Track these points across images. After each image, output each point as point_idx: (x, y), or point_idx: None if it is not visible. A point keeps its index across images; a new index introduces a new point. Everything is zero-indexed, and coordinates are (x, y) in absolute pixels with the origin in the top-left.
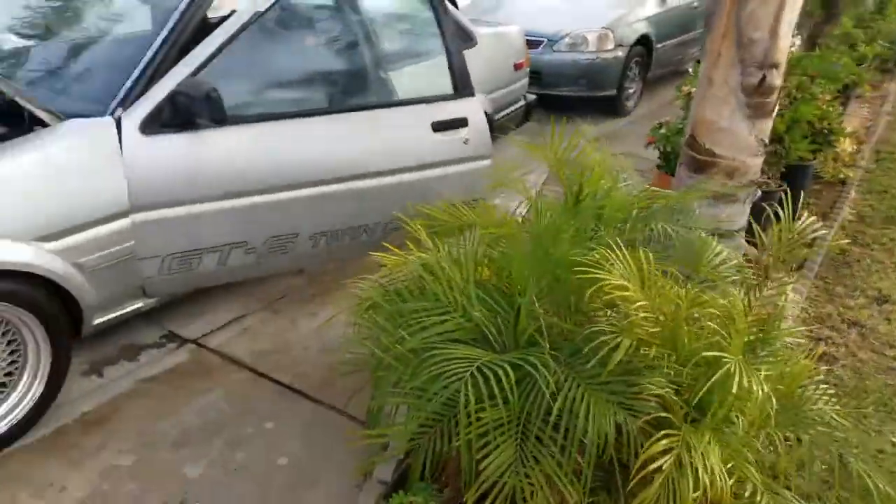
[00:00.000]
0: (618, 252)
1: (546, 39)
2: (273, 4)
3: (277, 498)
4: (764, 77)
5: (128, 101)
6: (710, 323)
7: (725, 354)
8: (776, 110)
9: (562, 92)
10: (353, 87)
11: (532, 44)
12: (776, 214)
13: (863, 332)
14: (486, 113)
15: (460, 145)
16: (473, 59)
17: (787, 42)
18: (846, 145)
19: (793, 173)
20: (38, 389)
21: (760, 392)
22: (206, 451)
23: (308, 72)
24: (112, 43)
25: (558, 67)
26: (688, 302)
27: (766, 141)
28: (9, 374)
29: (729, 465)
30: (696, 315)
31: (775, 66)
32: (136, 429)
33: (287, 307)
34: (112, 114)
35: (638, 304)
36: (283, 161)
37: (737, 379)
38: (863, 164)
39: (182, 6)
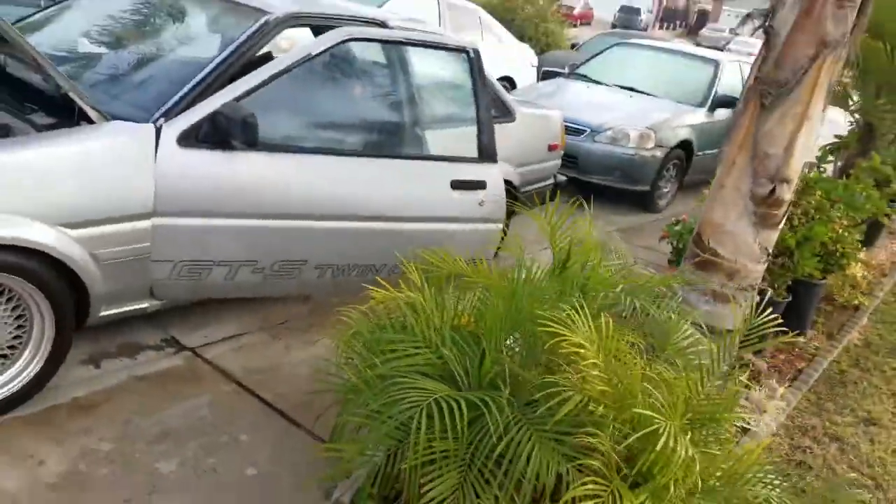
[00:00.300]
0: (581, 316)
1: (589, 129)
2: (323, 52)
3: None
4: (774, 189)
5: (171, 113)
6: (655, 392)
7: (657, 416)
8: (783, 223)
9: (595, 180)
10: (383, 136)
11: (575, 131)
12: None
13: (843, 448)
14: (512, 183)
15: (475, 206)
16: (510, 133)
17: (800, 162)
18: (857, 270)
19: (801, 289)
20: (36, 367)
21: (685, 453)
22: (181, 452)
23: (344, 115)
24: (172, 61)
25: (596, 157)
26: (639, 370)
27: (770, 251)
28: (12, 347)
29: None
30: (647, 385)
31: (786, 181)
32: (121, 420)
33: (285, 333)
34: (154, 122)
35: (591, 361)
36: (303, 192)
37: (664, 440)
38: (880, 295)
39: (240, 39)
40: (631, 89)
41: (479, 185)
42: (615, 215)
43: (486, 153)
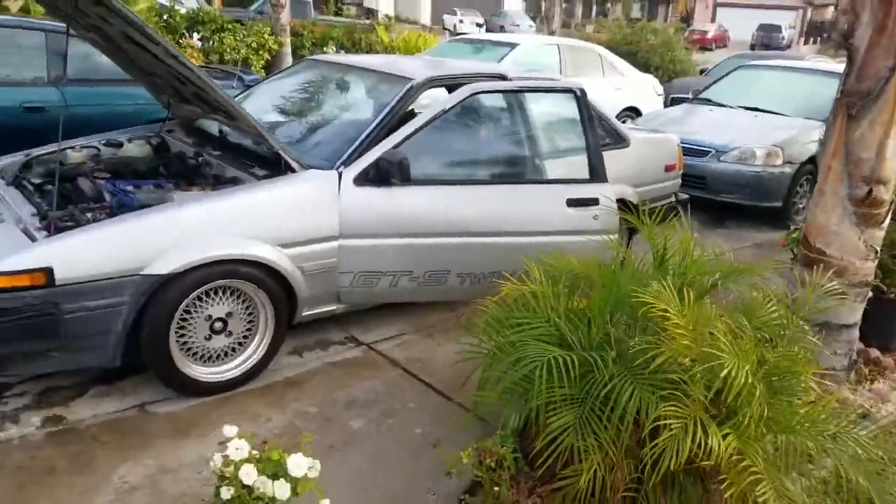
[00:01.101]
0: (667, 290)
1: (714, 150)
2: (455, 105)
3: (411, 451)
4: (871, 191)
5: (348, 162)
6: (722, 338)
7: (729, 356)
8: (887, 221)
9: (725, 198)
10: (508, 166)
11: (700, 153)
12: None
13: None
14: (629, 202)
15: (590, 220)
16: (625, 157)
17: (894, 163)
18: None
19: None
20: (261, 352)
21: (758, 390)
22: (367, 414)
23: (475, 152)
24: (344, 122)
25: (723, 176)
26: (720, 328)
27: (877, 248)
28: (245, 337)
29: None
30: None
31: (882, 182)
32: (321, 392)
33: (436, 333)
34: (337, 169)
35: (674, 321)
36: (446, 215)
37: (735, 374)
38: None
39: (392, 102)
40: (756, 109)
41: (592, 201)
42: (751, 232)
43: (597, 174)
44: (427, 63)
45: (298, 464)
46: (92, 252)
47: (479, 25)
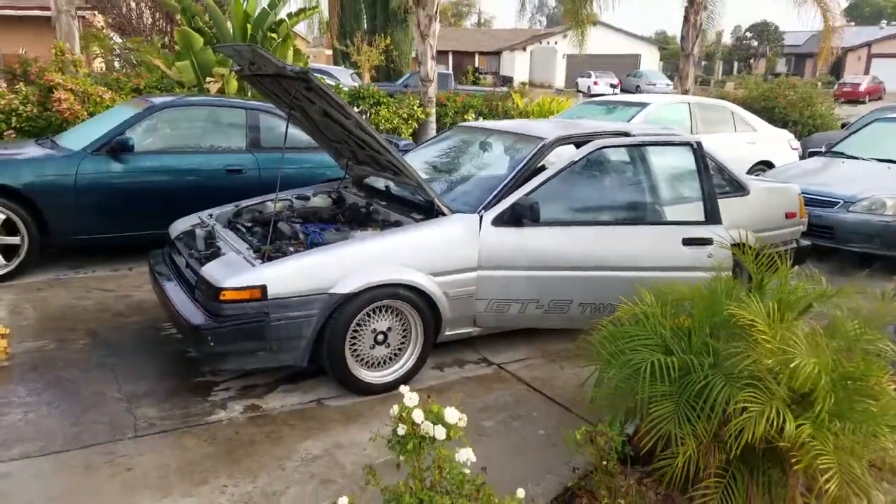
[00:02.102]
0: (754, 304)
1: (843, 200)
2: (581, 158)
3: (534, 447)
4: None
5: (488, 207)
6: (799, 342)
7: (803, 355)
8: None
9: (854, 248)
10: (629, 210)
11: (827, 204)
12: None
13: None
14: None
15: (704, 258)
16: (745, 204)
17: None
18: None
19: None
20: (411, 362)
21: (822, 379)
22: (496, 417)
23: (600, 197)
24: (485, 175)
25: (852, 226)
26: (800, 339)
27: None
28: (400, 348)
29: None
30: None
31: None
32: (459, 399)
33: (559, 359)
34: (478, 213)
35: (759, 328)
36: (570, 251)
37: (809, 370)
38: None
39: (527, 157)
40: (890, 161)
41: (706, 241)
42: (880, 281)
43: (711, 217)
44: (557, 125)
45: (452, 414)
46: (294, 275)
47: (613, 86)
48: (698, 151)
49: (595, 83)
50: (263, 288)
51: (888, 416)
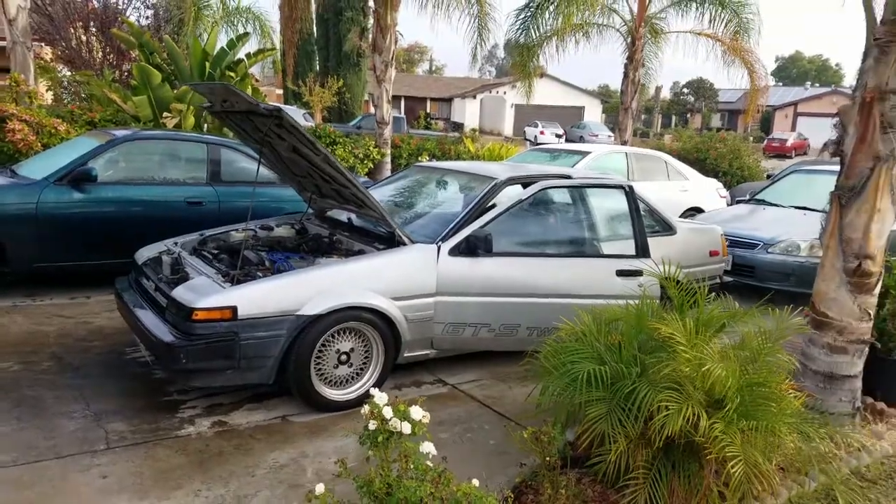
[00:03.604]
0: (674, 322)
1: (762, 242)
2: (528, 197)
3: (485, 454)
4: (860, 264)
5: (445, 238)
6: (711, 351)
7: (714, 362)
8: (877, 289)
9: (773, 286)
10: (569, 244)
11: (749, 245)
12: None
13: None
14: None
15: (635, 287)
16: (672, 243)
17: (880, 242)
18: None
19: None
20: (372, 381)
21: (730, 382)
22: (451, 430)
23: (544, 232)
24: (442, 211)
25: (770, 266)
26: (713, 350)
27: (871, 312)
28: (361, 368)
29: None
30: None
31: (869, 257)
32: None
33: (508, 379)
34: (436, 243)
35: (677, 340)
36: (519, 279)
37: (719, 372)
38: None
39: (479, 195)
40: (805, 208)
41: (637, 272)
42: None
43: (642, 252)
44: (507, 167)
45: (416, 412)
46: (263, 297)
47: (558, 136)
48: (630, 194)
49: (541, 132)
50: (234, 308)
51: (785, 415)
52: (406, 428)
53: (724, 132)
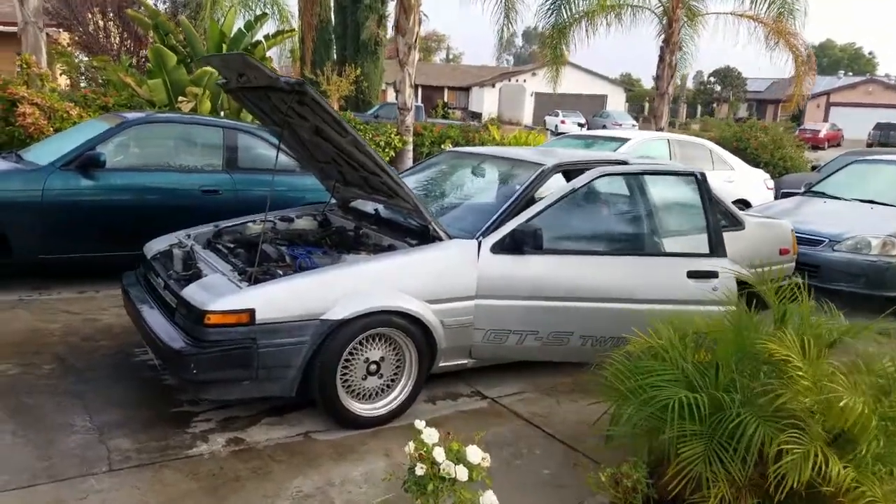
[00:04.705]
0: (788, 338)
1: (827, 239)
2: (583, 185)
3: (540, 488)
4: None
5: (486, 233)
6: (840, 377)
7: (842, 389)
8: None
9: (839, 287)
10: (630, 240)
11: (814, 242)
12: None
13: None
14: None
15: (709, 291)
16: (741, 239)
17: None
18: None
19: None
20: (405, 394)
21: (873, 421)
22: (497, 454)
23: (600, 227)
24: (481, 201)
25: (837, 265)
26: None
27: None
28: (392, 380)
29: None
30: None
31: None
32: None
33: (554, 392)
34: (477, 238)
35: (795, 364)
36: (572, 281)
37: (851, 405)
38: None
39: (526, 183)
40: (871, 202)
41: (712, 274)
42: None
43: (716, 249)
44: (554, 152)
45: (475, 453)
46: (284, 299)
47: (580, 125)
48: (703, 183)
49: (562, 122)
50: (252, 312)
51: None
52: (462, 474)
53: (763, 121)
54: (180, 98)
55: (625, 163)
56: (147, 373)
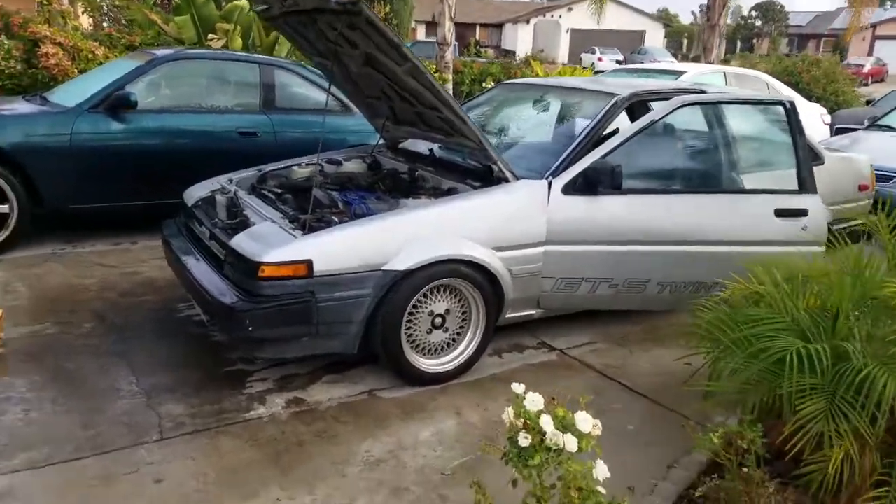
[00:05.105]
0: None
1: None
2: (664, 116)
3: (626, 447)
4: None
5: (557, 172)
6: None
7: None
8: None
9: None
10: (712, 176)
11: (883, 178)
12: None
13: None
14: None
15: (798, 230)
16: (821, 173)
17: None
18: None
19: None
20: (472, 348)
21: None
22: (574, 410)
23: (680, 162)
24: (549, 137)
25: None
26: None
27: None
28: (458, 333)
29: None
30: None
31: None
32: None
33: (626, 342)
34: (546, 178)
35: None
36: (649, 223)
37: None
38: None
39: (599, 115)
40: None
41: (801, 212)
42: None
43: (806, 185)
44: (621, 82)
45: (584, 420)
46: (344, 248)
47: (618, 62)
48: (792, 112)
49: (600, 59)
50: (309, 263)
51: None
52: (571, 444)
53: (815, 55)
54: (210, 35)
55: (703, 92)
56: (194, 329)
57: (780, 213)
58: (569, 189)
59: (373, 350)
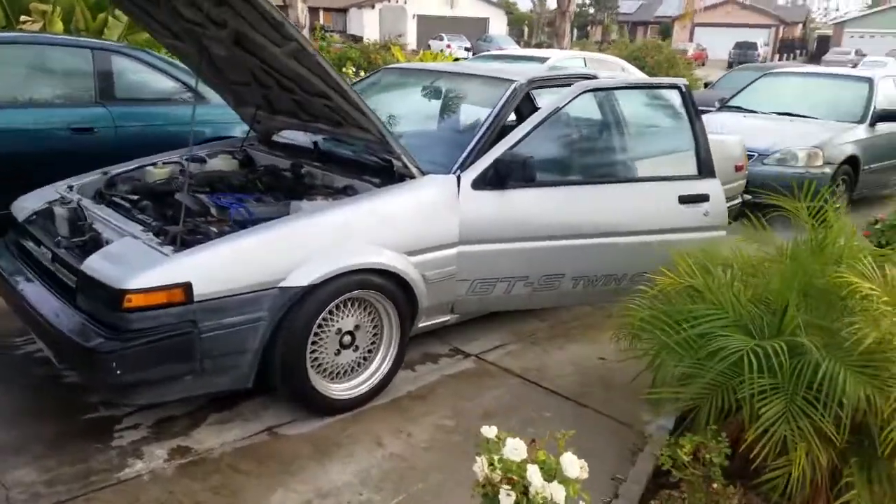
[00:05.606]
0: (866, 266)
1: (757, 153)
2: (567, 104)
3: None
4: None
5: (465, 165)
6: None
7: None
8: None
9: (768, 200)
10: (618, 165)
11: None
12: None
13: None
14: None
15: (701, 216)
16: None
17: None
18: None
19: None
20: (386, 366)
21: None
22: (506, 424)
23: (585, 152)
24: (448, 128)
25: (766, 178)
26: None
27: None
28: (370, 351)
29: None
30: None
31: None
32: (449, 404)
33: (537, 341)
34: (454, 173)
35: (884, 300)
36: (561, 215)
37: None
38: None
39: (499, 105)
40: (787, 114)
41: (703, 198)
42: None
43: (706, 170)
44: (508, 68)
45: (572, 463)
46: (229, 265)
47: (467, 50)
48: (687, 96)
49: (448, 46)
50: (187, 286)
51: None
52: (559, 495)
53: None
54: (23, 18)
55: (595, 77)
56: (38, 369)
57: (683, 199)
58: (479, 184)
59: (272, 382)
